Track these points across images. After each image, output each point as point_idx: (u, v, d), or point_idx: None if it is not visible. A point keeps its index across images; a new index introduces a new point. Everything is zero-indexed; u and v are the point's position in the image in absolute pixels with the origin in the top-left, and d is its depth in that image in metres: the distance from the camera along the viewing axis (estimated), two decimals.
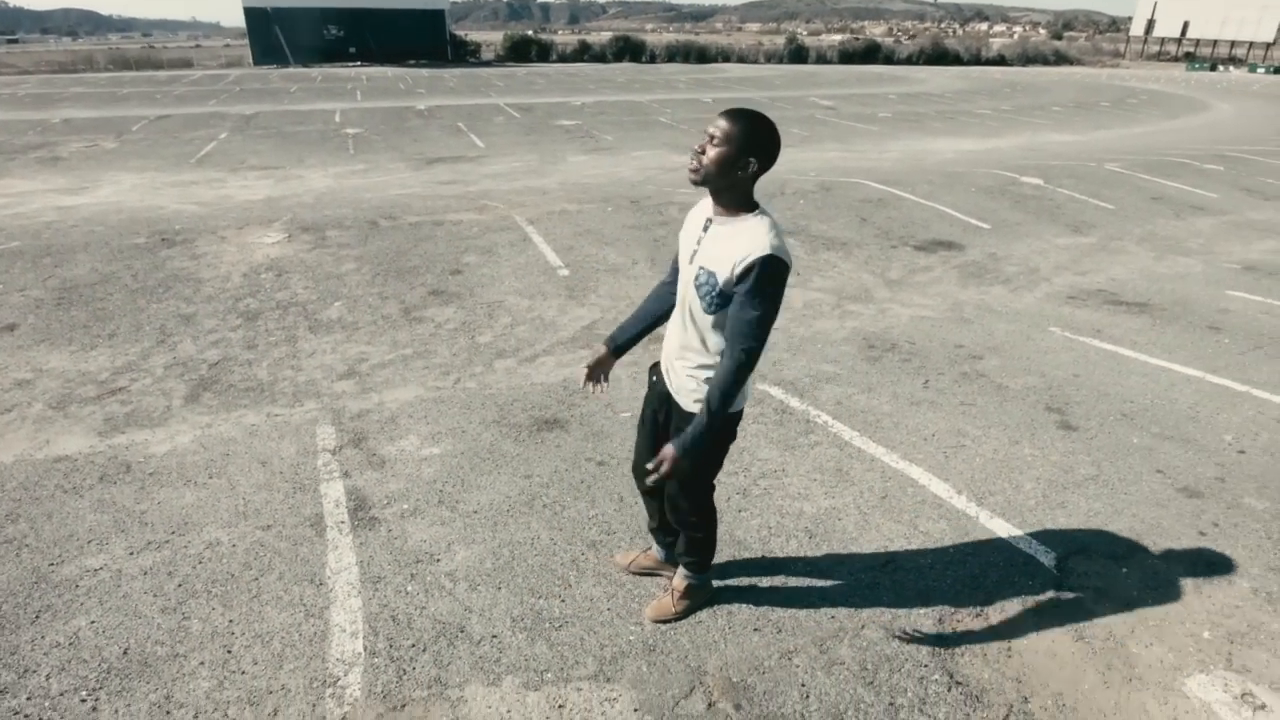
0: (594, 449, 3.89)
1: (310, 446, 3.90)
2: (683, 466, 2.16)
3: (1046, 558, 3.07)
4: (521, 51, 51.69)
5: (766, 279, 2.01)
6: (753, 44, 63.66)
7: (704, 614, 2.73)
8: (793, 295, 6.38)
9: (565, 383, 4.67)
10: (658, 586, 2.86)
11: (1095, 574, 2.99)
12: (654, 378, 2.52)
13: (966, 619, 2.74)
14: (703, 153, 2.08)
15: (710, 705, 2.34)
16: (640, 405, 2.65)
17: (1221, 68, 63.08)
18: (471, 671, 2.46)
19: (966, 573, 2.98)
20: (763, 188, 10.31)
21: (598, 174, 11.92)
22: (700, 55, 56.36)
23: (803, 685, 2.42)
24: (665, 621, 2.70)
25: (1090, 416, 4.33)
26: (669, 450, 2.15)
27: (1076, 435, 4.11)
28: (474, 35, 56.54)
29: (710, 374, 2.22)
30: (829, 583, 2.92)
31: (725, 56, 57.98)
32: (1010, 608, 2.80)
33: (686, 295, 2.22)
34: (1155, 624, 2.75)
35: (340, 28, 44.97)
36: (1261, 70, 60.46)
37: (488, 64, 48.89)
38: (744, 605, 2.78)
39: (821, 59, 60.61)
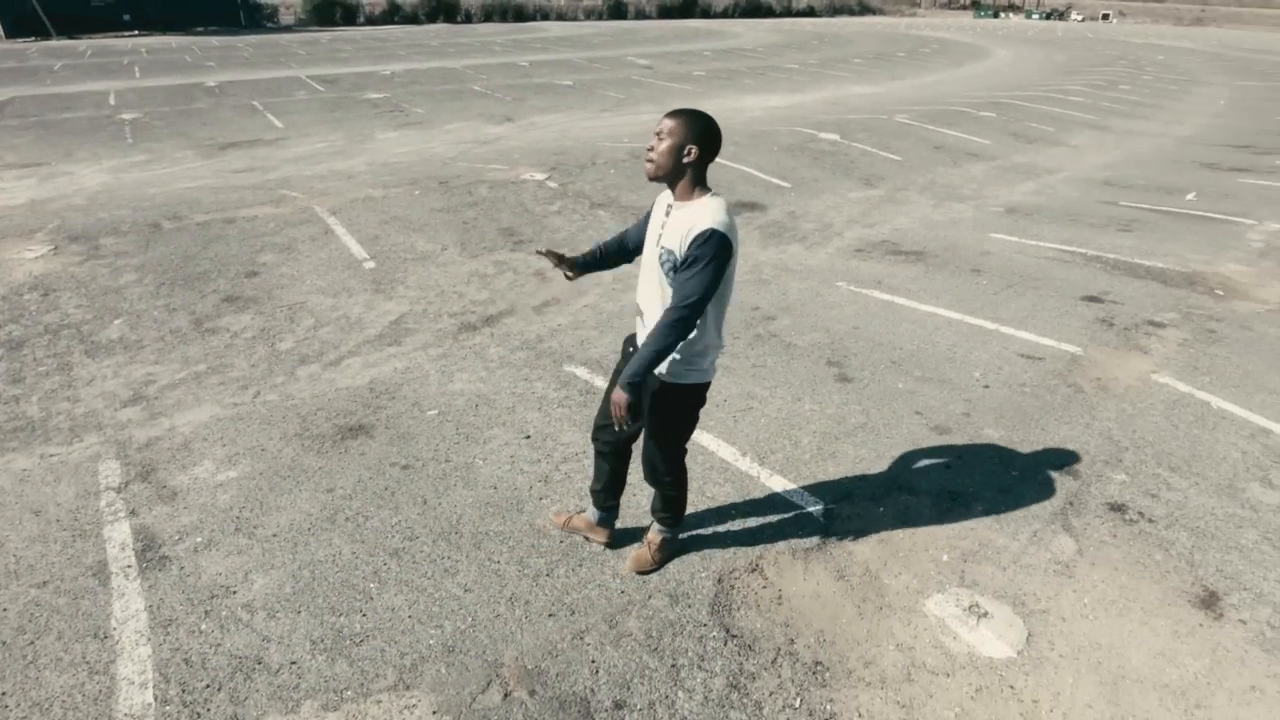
0: (399, 453, 3.91)
1: (92, 487, 3.67)
2: (627, 403, 2.43)
3: (815, 508, 3.44)
4: (325, 14, 48.21)
5: (709, 248, 2.32)
6: (571, 2, 62.82)
7: (501, 607, 2.87)
8: (604, 274, 6.54)
9: (372, 384, 4.62)
10: (483, 573, 2.97)
11: (856, 516, 3.40)
12: (630, 349, 2.77)
13: (743, 575, 3.05)
14: (652, 150, 2.41)
15: (506, 695, 2.50)
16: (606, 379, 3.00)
17: (1004, 15, 69.11)
18: (269, 703, 2.48)
19: (744, 531, 3.30)
20: (574, 158, 10.41)
21: (408, 152, 11.54)
22: (518, 14, 55.04)
23: (593, 662, 2.63)
24: (645, 572, 3.04)
25: (865, 367, 4.81)
26: (617, 394, 2.44)
27: (851, 386, 4.57)
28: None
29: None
30: (621, 558, 3.14)
31: (544, 15, 56.95)
32: (782, 559, 3.14)
33: (654, 271, 2.52)
34: (904, 555, 3.18)
35: None
36: (1036, 16, 66.96)
37: (287, 29, 45.37)
38: (539, 592, 2.95)
39: (640, 14, 60.85)
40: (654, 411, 2.67)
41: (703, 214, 2.38)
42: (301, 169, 10.17)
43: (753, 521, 3.35)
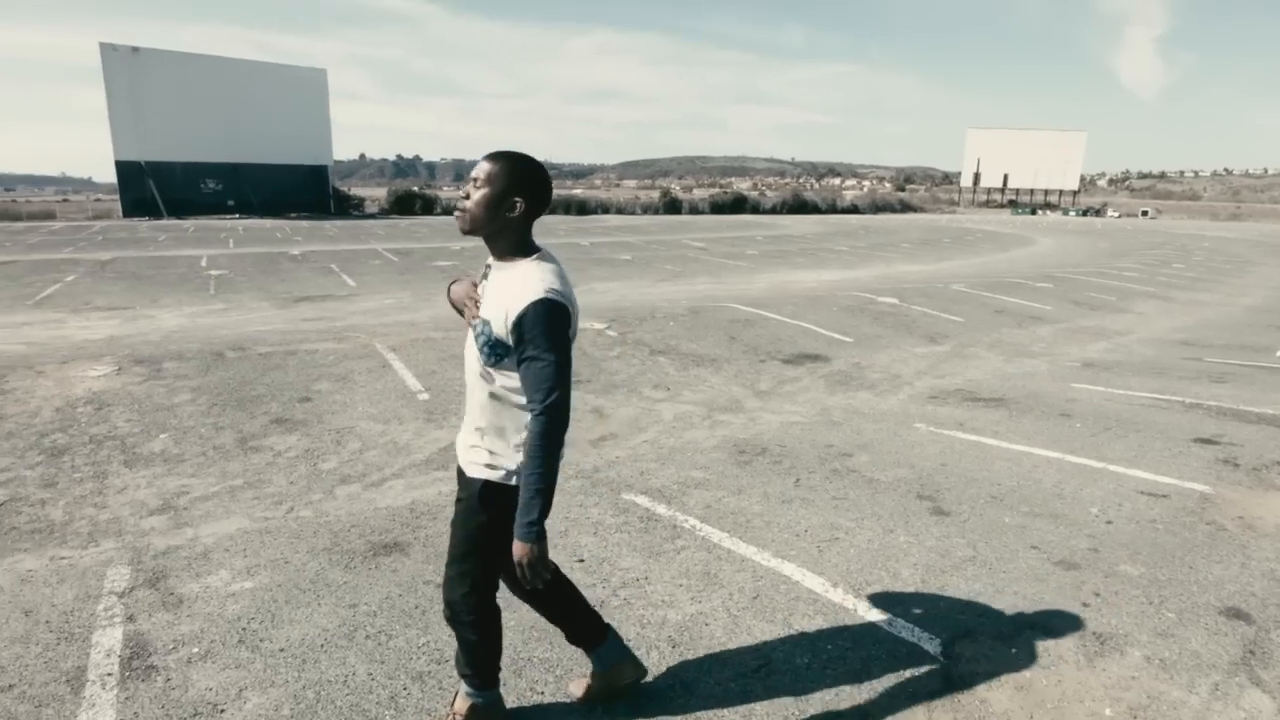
0: (435, 571, 3.44)
1: (94, 590, 3.27)
2: (537, 556, 1.92)
3: (931, 644, 2.83)
4: (406, 205, 52.41)
5: (542, 324, 1.86)
6: (630, 198, 67.53)
7: None
8: (663, 409, 6.25)
9: (414, 505, 4.24)
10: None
11: (984, 658, 2.77)
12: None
13: None
14: (467, 198, 1.97)
15: None
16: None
17: (1040, 212, 71.75)
18: None
19: (847, 669, 2.69)
20: (633, 313, 10.44)
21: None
22: (580, 208, 59.07)
23: None
24: None
25: (961, 501, 4.26)
26: (521, 548, 1.92)
27: (950, 520, 4.01)
28: (359, 191, 57.22)
29: (488, 436, 2.05)
30: (695, 695, 2.56)
31: (604, 209, 61.00)
32: (897, 702, 2.52)
33: (469, 352, 2.07)
34: (1054, 707, 2.52)
35: (218, 181, 44.43)
36: (1073, 213, 69.39)
37: (371, 216, 49.37)
38: None
39: (694, 210, 64.78)
40: (466, 523, 2.11)
41: (525, 283, 1.90)
42: (368, 319, 10.38)
43: (854, 658, 2.75)
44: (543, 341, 1.86)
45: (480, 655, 2.26)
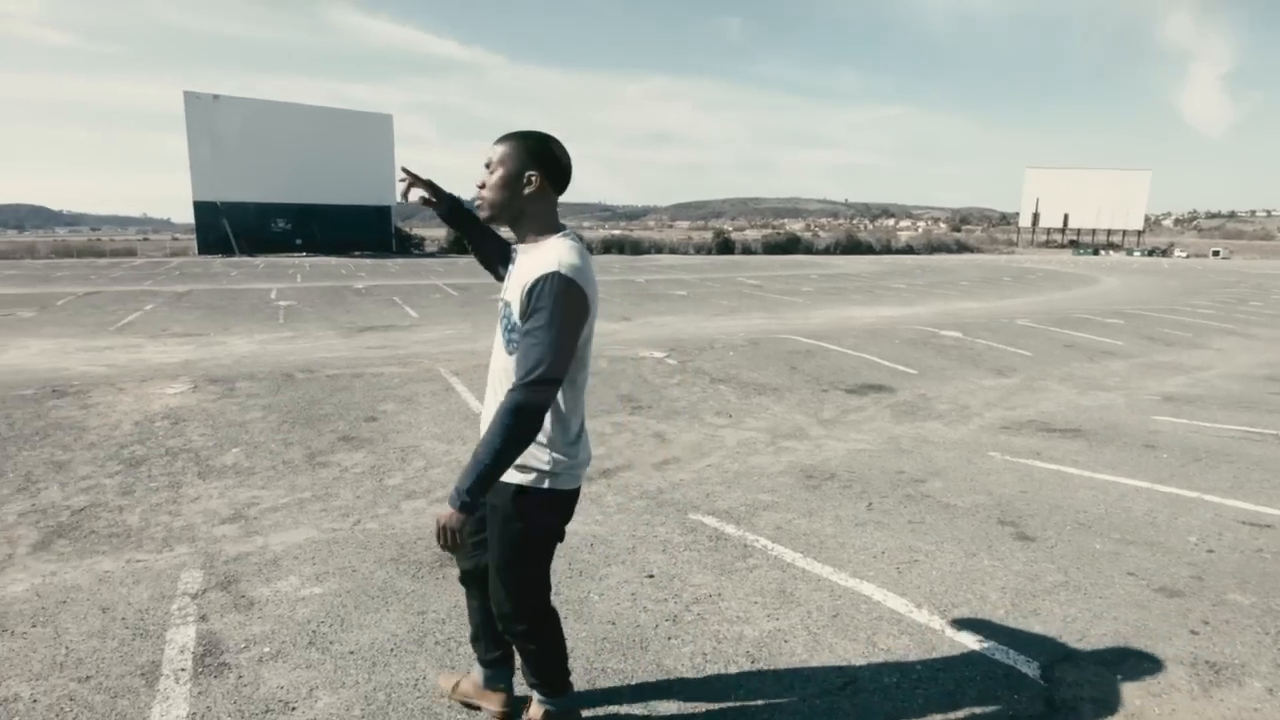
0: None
1: (169, 591, 3.30)
2: (455, 523, 1.76)
3: (1029, 667, 2.65)
4: (464, 244, 53.65)
5: (549, 297, 1.74)
6: (683, 238, 67.97)
7: None
8: (725, 435, 6.15)
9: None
10: None
11: (1088, 683, 2.58)
12: None
13: None
14: (483, 186, 1.90)
15: None
16: None
17: (1103, 252, 69.79)
18: None
19: (940, 689, 2.53)
20: (692, 343, 10.39)
21: None
22: (635, 248, 59.65)
23: None
24: None
25: (1046, 527, 4.05)
26: (440, 510, 1.79)
27: (1036, 545, 3.80)
28: (419, 231, 58.98)
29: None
30: (780, 711, 2.43)
31: (658, 249, 61.47)
32: None
33: (496, 348, 2.00)
34: None
35: (287, 221, 46.30)
36: (1138, 253, 67.29)
37: (432, 255, 50.65)
38: None
39: (747, 250, 64.81)
40: (503, 534, 1.97)
41: (547, 256, 1.80)
42: (431, 347, 10.54)
43: (946, 679, 2.59)
44: (545, 316, 1.74)
45: (544, 663, 2.16)
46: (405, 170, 2.23)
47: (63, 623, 3.01)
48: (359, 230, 48.92)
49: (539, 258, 1.82)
